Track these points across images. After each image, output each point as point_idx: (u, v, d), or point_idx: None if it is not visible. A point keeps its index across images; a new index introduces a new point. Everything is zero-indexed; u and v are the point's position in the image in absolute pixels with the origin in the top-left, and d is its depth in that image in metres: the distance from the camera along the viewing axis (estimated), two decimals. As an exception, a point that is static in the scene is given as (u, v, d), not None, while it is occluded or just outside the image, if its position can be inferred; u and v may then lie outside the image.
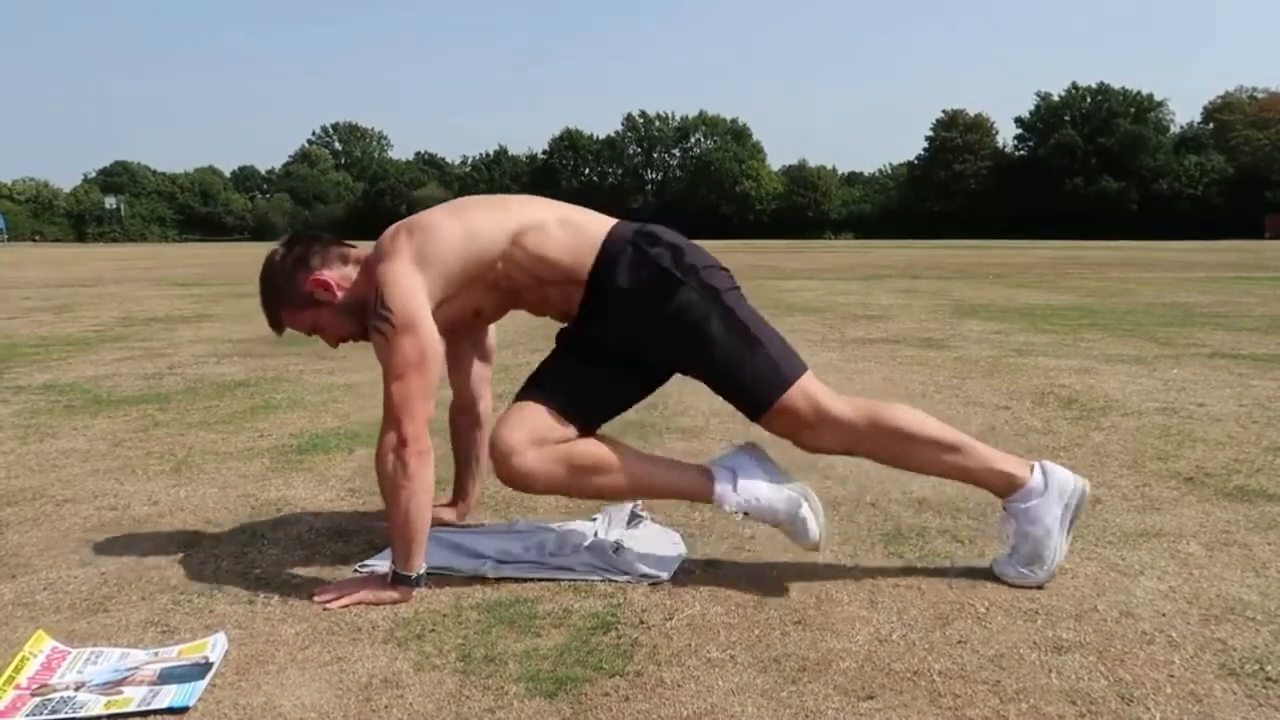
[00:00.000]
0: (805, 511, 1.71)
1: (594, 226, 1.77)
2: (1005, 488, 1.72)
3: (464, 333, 2.01)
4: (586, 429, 1.76)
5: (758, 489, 1.72)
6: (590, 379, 1.79)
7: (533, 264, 1.73)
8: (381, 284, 1.66)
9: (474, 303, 1.81)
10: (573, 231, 1.75)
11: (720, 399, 1.79)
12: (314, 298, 1.79)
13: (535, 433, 1.69)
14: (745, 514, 1.73)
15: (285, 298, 1.81)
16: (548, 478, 1.71)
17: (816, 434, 1.72)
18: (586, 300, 1.75)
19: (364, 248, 1.85)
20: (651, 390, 1.90)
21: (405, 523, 1.63)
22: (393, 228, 1.78)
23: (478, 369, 2.08)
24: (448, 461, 2.16)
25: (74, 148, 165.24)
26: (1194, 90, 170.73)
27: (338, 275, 1.80)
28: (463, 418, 2.10)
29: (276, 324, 1.86)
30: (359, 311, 1.76)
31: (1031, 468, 1.73)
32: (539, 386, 1.78)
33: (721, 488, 1.73)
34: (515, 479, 1.71)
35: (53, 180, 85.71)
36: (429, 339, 1.65)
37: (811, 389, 1.72)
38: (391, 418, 1.63)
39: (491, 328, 2.08)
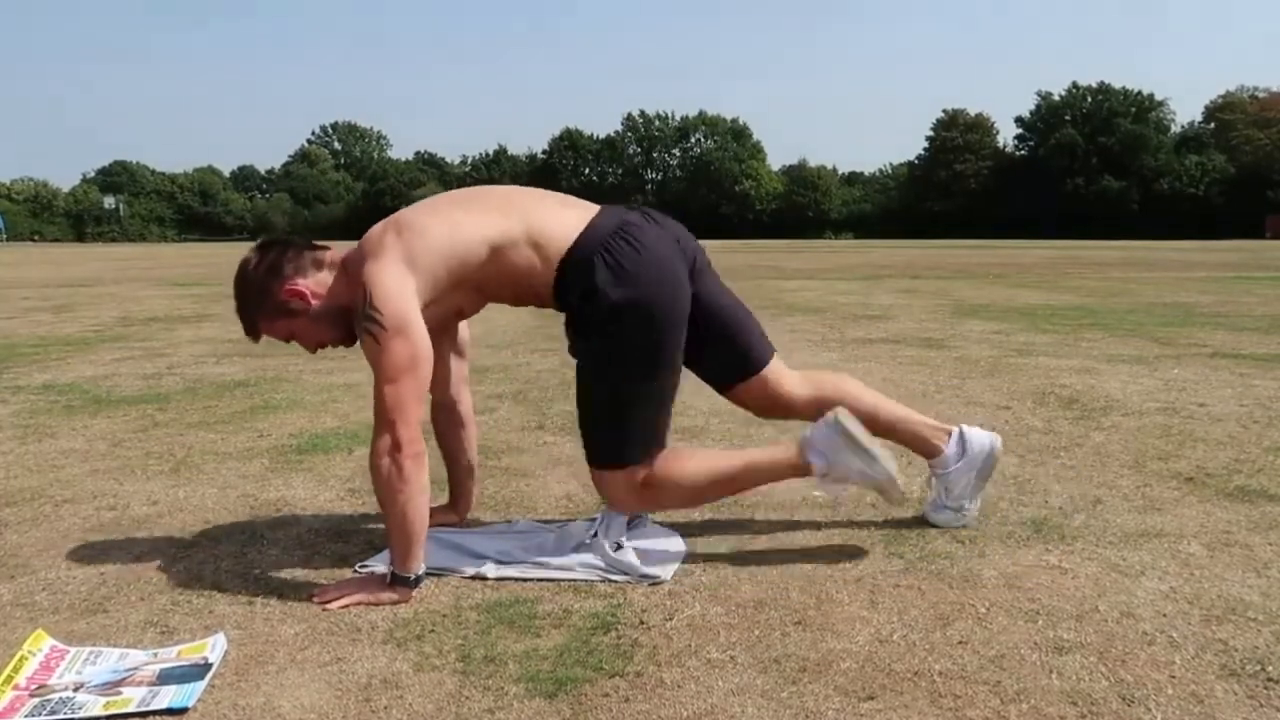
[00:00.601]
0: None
1: (560, 239, 1.74)
2: (802, 474, 1.82)
3: (442, 331, 2.00)
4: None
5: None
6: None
7: (508, 277, 1.76)
8: (370, 285, 1.64)
9: (458, 304, 1.82)
10: (539, 248, 1.74)
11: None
12: (289, 307, 1.77)
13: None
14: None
15: (259, 308, 1.79)
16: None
17: (623, 505, 1.86)
18: (560, 301, 1.80)
19: (341, 248, 1.84)
20: (677, 379, 1.89)
21: (402, 524, 1.63)
22: (379, 226, 1.76)
23: (455, 367, 2.07)
24: (438, 461, 2.16)
25: (73, 147, 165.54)
26: (1194, 90, 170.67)
27: (312, 282, 1.77)
28: (444, 417, 2.08)
29: (253, 332, 1.83)
30: (337, 317, 1.75)
31: (802, 449, 1.80)
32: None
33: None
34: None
35: (52, 180, 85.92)
36: (420, 341, 1.65)
37: (636, 478, 1.79)
38: (385, 421, 1.62)
39: (463, 325, 2.07)
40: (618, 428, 1.78)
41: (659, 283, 1.74)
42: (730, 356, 1.93)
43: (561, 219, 1.77)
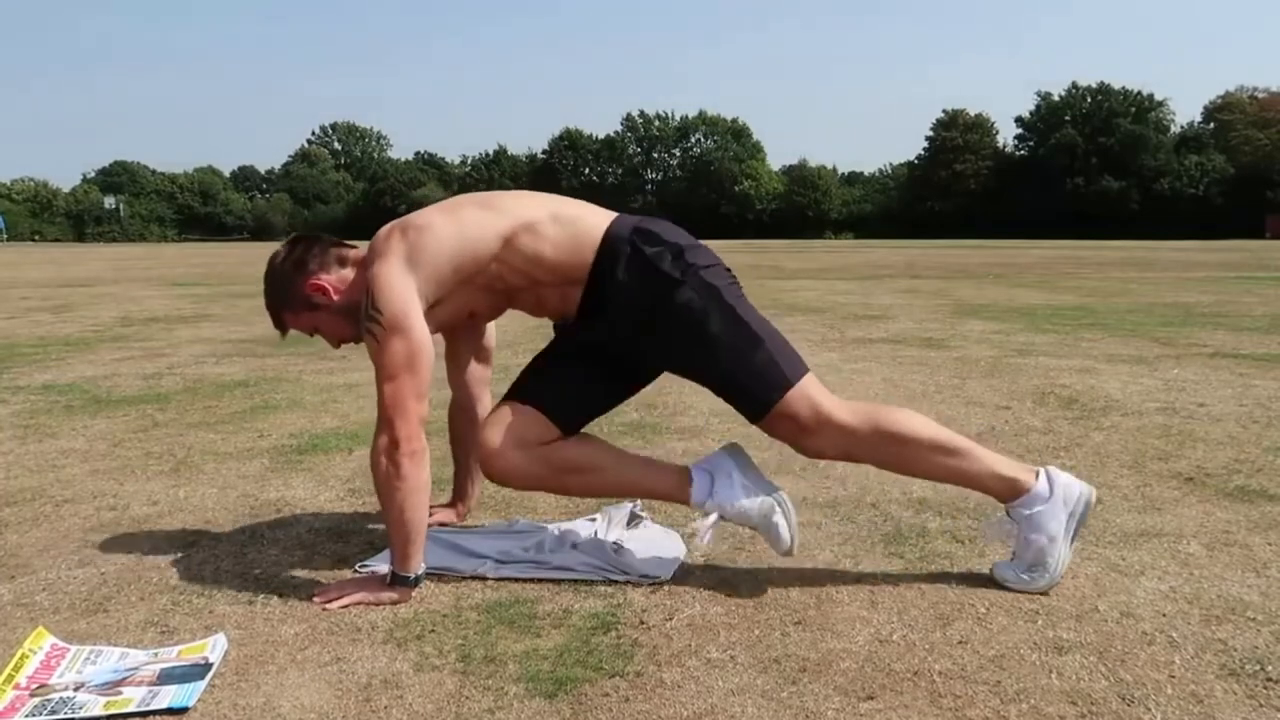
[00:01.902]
0: (778, 518, 1.70)
1: (590, 223, 1.74)
2: (1009, 493, 1.70)
3: (462, 334, 2.01)
4: (570, 429, 1.76)
5: (733, 494, 1.72)
6: (579, 380, 1.79)
7: (527, 265, 1.72)
8: (372, 285, 1.66)
9: (468, 304, 1.80)
10: (568, 230, 1.72)
11: (720, 400, 1.78)
12: (311, 301, 1.79)
13: (518, 434, 1.71)
14: (720, 517, 1.73)
15: (285, 301, 1.82)
16: (528, 477, 1.75)
17: (816, 438, 1.70)
18: (585, 300, 1.74)
19: (364, 248, 1.85)
20: (639, 389, 1.89)
21: (401, 523, 1.63)
22: (387, 227, 1.76)
23: (476, 370, 2.08)
24: (448, 461, 2.17)
25: (73, 147, 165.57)
26: (1194, 90, 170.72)
27: (335, 278, 1.79)
28: (462, 418, 2.10)
29: (280, 325, 1.87)
30: (358, 313, 1.75)
31: (1036, 474, 1.71)
32: (526, 386, 1.78)
33: (697, 491, 1.74)
34: (497, 478, 1.75)
35: (52, 180, 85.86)
36: (420, 340, 1.65)
37: (813, 392, 1.70)
38: (385, 419, 1.63)
39: (490, 328, 2.07)
40: (756, 351, 1.68)
41: (696, 247, 1.76)
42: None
43: (586, 208, 1.80)
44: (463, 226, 1.71)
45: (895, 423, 1.70)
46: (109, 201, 75.62)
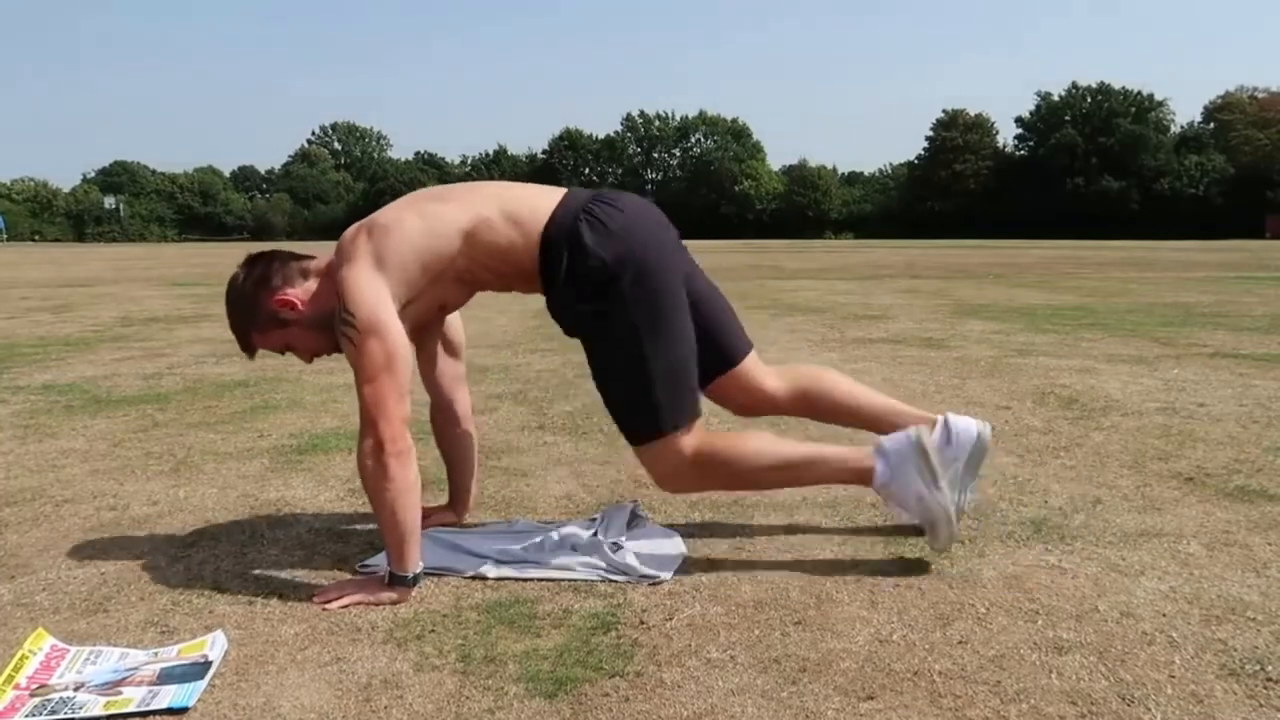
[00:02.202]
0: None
1: (537, 215, 1.73)
2: (864, 481, 1.78)
3: (433, 331, 2.00)
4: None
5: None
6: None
7: (488, 259, 1.74)
8: (343, 289, 1.66)
9: (439, 298, 1.81)
10: (517, 224, 1.72)
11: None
12: (279, 317, 1.79)
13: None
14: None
15: (252, 321, 1.81)
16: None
17: (669, 485, 1.83)
18: (547, 288, 1.76)
19: (324, 256, 1.84)
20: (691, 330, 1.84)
21: (393, 523, 1.63)
22: (353, 228, 1.76)
23: (448, 366, 2.07)
24: (436, 461, 2.16)
25: (73, 147, 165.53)
26: (1194, 90, 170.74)
27: (300, 291, 1.79)
28: (442, 417, 2.09)
29: (247, 347, 1.85)
30: (327, 323, 1.74)
31: (872, 455, 1.76)
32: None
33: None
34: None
35: (52, 180, 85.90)
36: (395, 339, 1.65)
37: (677, 445, 1.74)
38: (368, 421, 1.63)
39: (457, 323, 2.06)
40: (645, 394, 1.72)
41: (645, 236, 1.74)
42: (710, 348, 1.86)
43: (534, 197, 1.79)
44: (426, 223, 1.72)
45: (736, 458, 1.76)
46: (109, 201, 75.63)
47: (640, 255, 1.71)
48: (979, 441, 1.88)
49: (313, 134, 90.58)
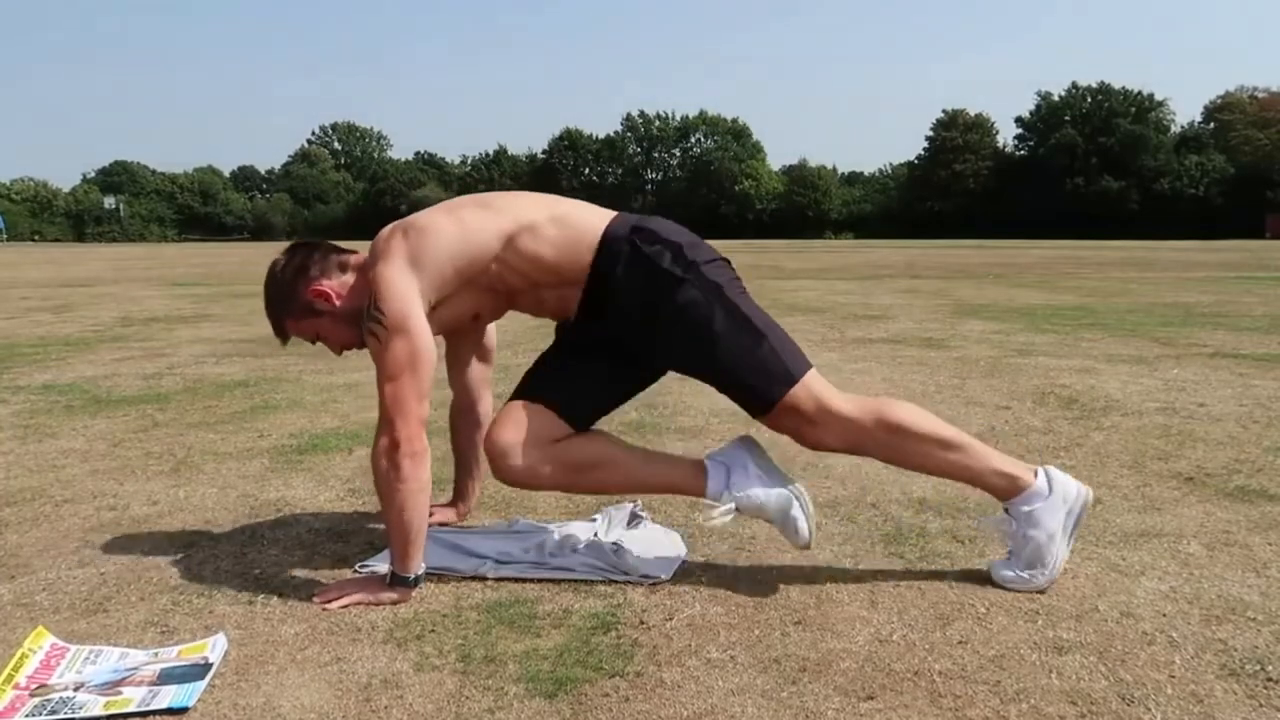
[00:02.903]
0: (796, 511, 1.71)
1: (589, 224, 1.74)
2: (1008, 490, 1.71)
3: (463, 334, 2.01)
4: (581, 425, 1.76)
5: (749, 486, 1.72)
6: (587, 377, 1.78)
7: (526, 266, 1.72)
8: (375, 286, 1.66)
9: (471, 305, 1.80)
10: (567, 231, 1.72)
11: (722, 397, 1.79)
12: (314, 307, 1.79)
13: (529, 433, 1.70)
14: (736, 510, 1.73)
15: (286, 308, 1.81)
16: (543, 477, 1.73)
17: (820, 431, 1.71)
18: (585, 300, 1.74)
19: (364, 252, 1.85)
20: (645, 387, 1.89)
21: (401, 524, 1.63)
22: (389, 228, 1.77)
23: (477, 370, 2.09)
24: (449, 461, 2.17)
25: (73, 147, 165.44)
26: (1194, 90, 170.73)
27: (336, 284, 1.79)
28: (463, 419, 2.10)
29: (281, 333, 1.86)
30: (359, 319, 1.74)
31: (1035, 472, 1.72)
32: (534, 385, 1.78)
33: (713, 483, 1.73)
34: (510, 479, 1.73)
35: (51, 180, 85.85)
36: (422, 340, 1.65)
37: (816, 386, 1.70)
38: (386, 419, 1.63)
39: (491, 328, 2.08)
40: (766, 350, 1.69)
41: (698, 246, 1.76)
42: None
43: (585, 208, 1.80)
44: (464, 228, 1.71)
45: (898, 416, 1.71)
46: (109, 201, 75.63)
47: (695, 254, 1.73)
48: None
49: (313, 134, 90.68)
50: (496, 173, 75.92)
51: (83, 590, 1.73)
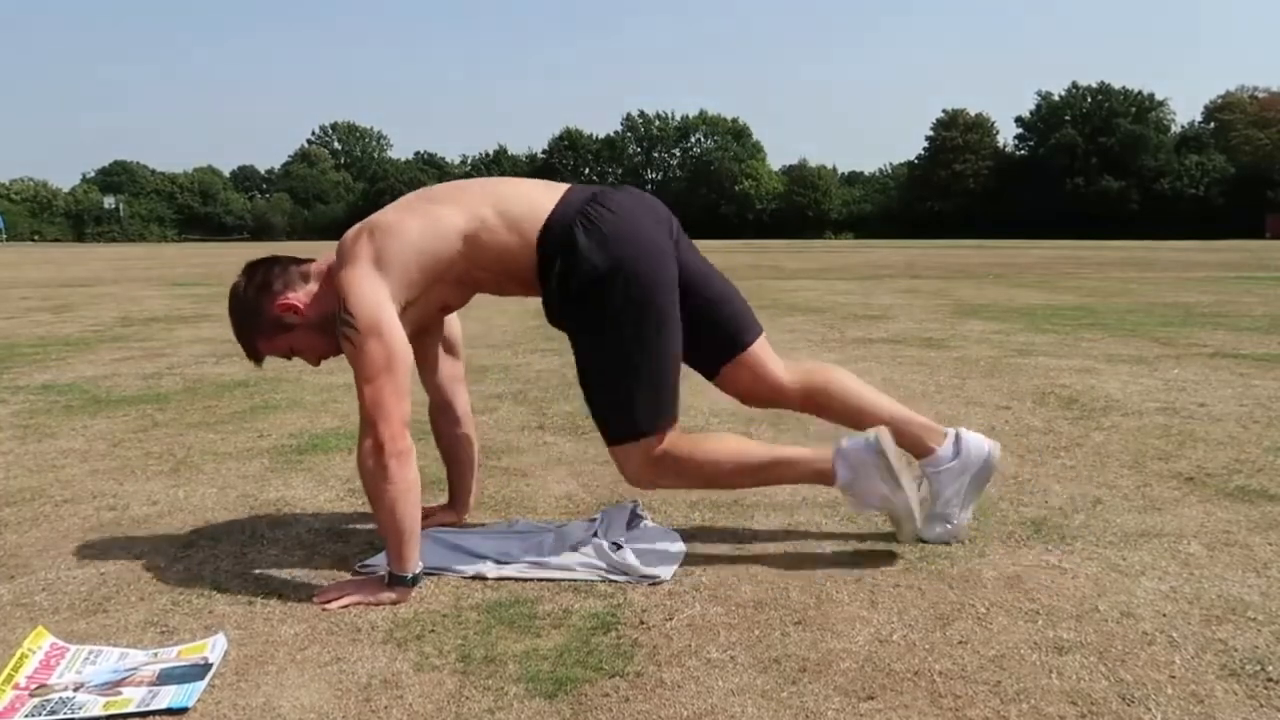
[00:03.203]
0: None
1: (535, 215, 1.73)
2: (824, 482, 1.82)
3: (432, 332, 2.00)
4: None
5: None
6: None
7: (486, 262, 1.74)
8: (344, 290, 1.67)
9: (440, 299, 1.82)
10: (514, 227, 1.73)
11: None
12: (283, 321, 1.79)
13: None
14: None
15: (255, 327, 1.81)
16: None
17: (641, 482, 1.82)
18: (545, 291, 1.76)
19: (324, 259, 1.84)
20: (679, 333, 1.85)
21: (393, 524, 1.63)
22: (354, 230, 1.77)
23: (447, 366, 2.07)
24: (436, 462, 2.16)
25: (73, 147, 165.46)
26: (1194, 90, 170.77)
27: (302, 294, 1.80)
28: (442, 418, 2.09)
29: (254, 354, 1.87)
30: (330, 325, 1.74)
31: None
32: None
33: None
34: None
35: (51, 180, 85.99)
36: (395, 340, 1.65)
37: (658, 449, 1.76)
38: (367, 422, 1.63)
39: (455, 323, 2.07)
40: (627, 398, 1.74)
41: (638, 242, 1.74)
42: (718, 331, 1.88)
43: (532, 197, 1.77)
44: (426, 226, 1.72)
45: (701, 459, 1.80)
46: (109, 201, 75.66)
47: (633, 262, 1.71)
48: (988, 461, 1.91)
49: (313, 134, 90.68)
50: (496, 173, 75.79)
51: (82, 590, 1.73)
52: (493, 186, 1.81)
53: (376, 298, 1.66)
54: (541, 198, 1.77)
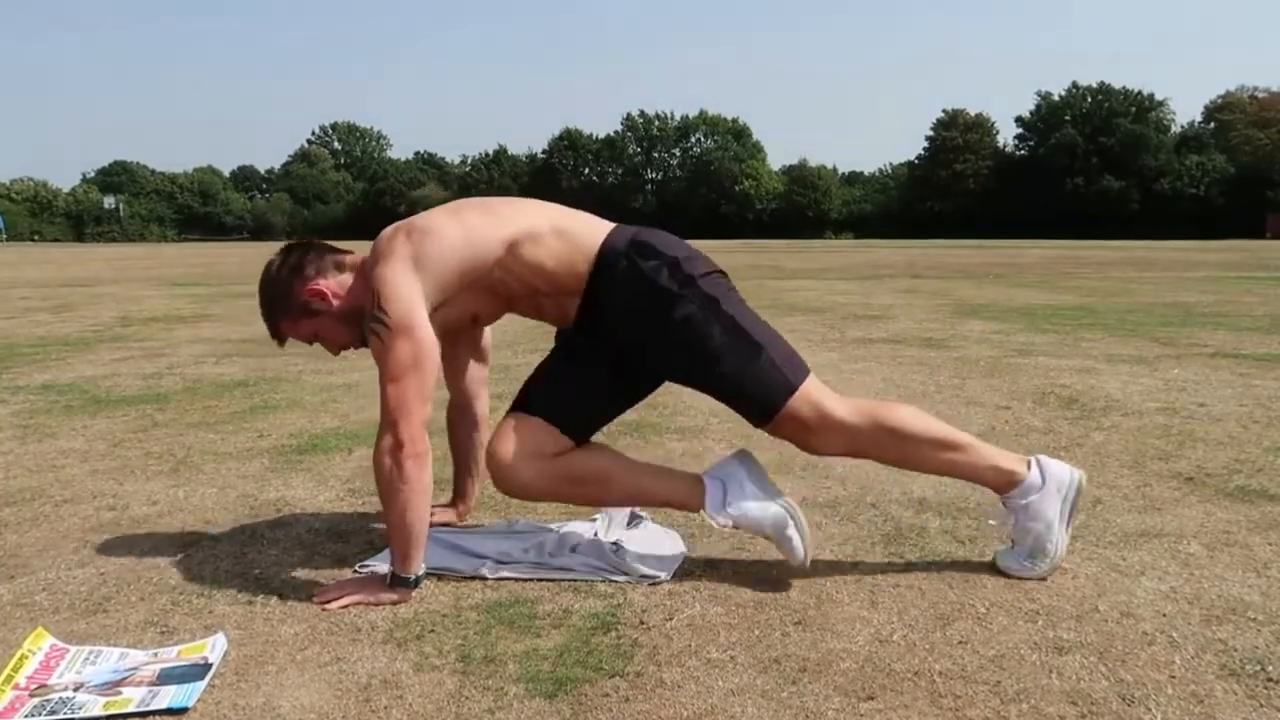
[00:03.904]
0: (791, 531, 1.72)
1: (589, 236, 1.75)
2: (1004, 484, 1.74)
3: (461, 336, 2.00)
4: (580, 437, 1.77)
5: (745, 504, 1.73)
6: (587, 389, 1.79)
7: (528, 274, 1.73)
8: (378, 286, 1.66)
9: (471, 307, 1.80)
10: (567, 242, 1.73)
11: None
12: (311, 307, 1.78)
13: (530, 447, 1.71)
14: (733, 526, 1.75)
15: (283, 308, 1.80)
16: (543, 490, 1.77)
17: (819, 438, 1.73)
18: (583, 312, 1.75)
19: (360, 252, 1.85)
20: (644, 397, 1.91)
21: (402, 524, 1.63)
22: (391, 228, 1.77)
23: (474, 370, 2.08)
24: (448, 461, 2.17)
25: (73, 147, 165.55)
26: (1194, 90, 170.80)
27: (334, 283, 1.79)
28: (460, 419, 2.10)
29: (277, 335, 1.85)
30: (357, 318, 1.74)
31: (1029, 463, 1.75)
32: (533, 398, 1.79)
33: (711, 501, 1.75)
34: (510, 490, 1.76)
35: (51, 180, 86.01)
36: (425, 341, 1.65)
37: (815, 394, 1.72)
38: (388, 420, 1.63)
39: (487, 329, 2.08)
40: (764, 361, 1.70)
41: (691, 253, 1.78)
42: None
43: (586, 218, 1.81)
44: (467, 232, 1.72)
45: (896, 419, 1.73)
46: (109, 201, 75.66)
47: (694, 257, 1.76)
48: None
49: (312, 134, 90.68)
50: (496, 173, 75.93)
51: (82, 590, 1.73)
52: (541, 204, 1.84)
53: (411, 297, 1.65)
54: (595, 220, 1.81)
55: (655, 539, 1.92)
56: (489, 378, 2.15)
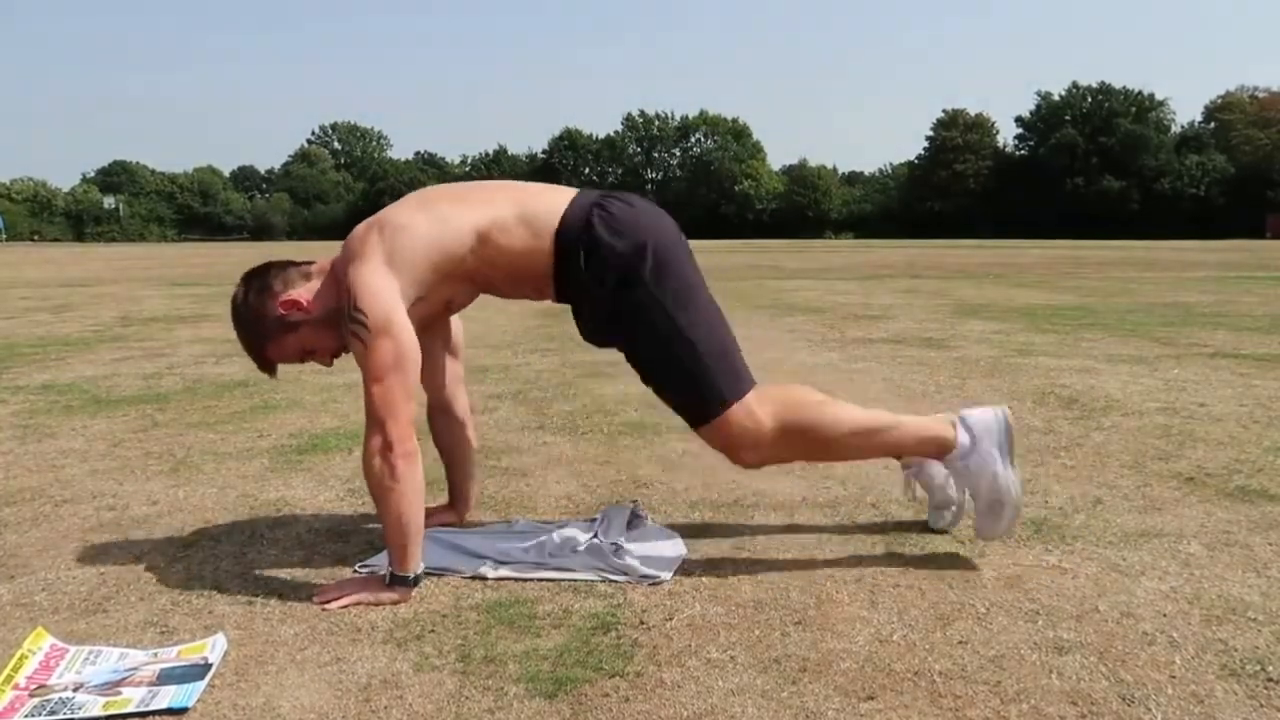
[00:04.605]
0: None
1: (551, 215, 1.73)
2: (940, 451, 1.79)
3: (436, 331, 1.99)
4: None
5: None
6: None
7: (503, 261, 1.74)
8: (353, 287, 1.65)
9: (447, 296, 1.81)
10: (531, 229, 1.73)
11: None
12: (288, 320, 1.76)
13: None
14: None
15: (262, 330, 1.78)
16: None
17: (745, 455, 1.77)
18: (559, 291, 1.77)
19: (324, 258, 1.84)
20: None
21: (397, 525, 1.63)
22: (363, 225, 1.76)
23: (451, 367, 2.06)
24: (437, 462, 2.16)
25: (72, 147, 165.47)
26: (1194, 90, 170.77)
27: (304, 291, 1.77)
28: (442, 418, 2.07)
29: (265, 364, 1.83)
30: (337, 320, 1.73)
31: (953, 424, 1.80)
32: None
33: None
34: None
35: (51, 180, 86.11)
36: (405, 339, 1.64)
37: (741, 414, 1.72)
38: (375, 421, 1.62)
39: (457, 325, 2.06)
40: (701, 370, 1.71)
41: (657, 226, 1.76)
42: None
43: (547, 198, 1.79)
44: (439, 223, 1.71)
45: (816, 423, 1.75)
46: (108, 201, 75.71)
47: (655, 242, 1.73)
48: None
49: (313, 134, 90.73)
50: (496, 172, 75.76)
51: (82, 590, 1.73)
52: (508, 188, 1.82)
53: (388, 296, 1.65)
54: (555, 198, 1.78)
55: (655, 539, 1.92)
56: (482, 376, 2.15)
